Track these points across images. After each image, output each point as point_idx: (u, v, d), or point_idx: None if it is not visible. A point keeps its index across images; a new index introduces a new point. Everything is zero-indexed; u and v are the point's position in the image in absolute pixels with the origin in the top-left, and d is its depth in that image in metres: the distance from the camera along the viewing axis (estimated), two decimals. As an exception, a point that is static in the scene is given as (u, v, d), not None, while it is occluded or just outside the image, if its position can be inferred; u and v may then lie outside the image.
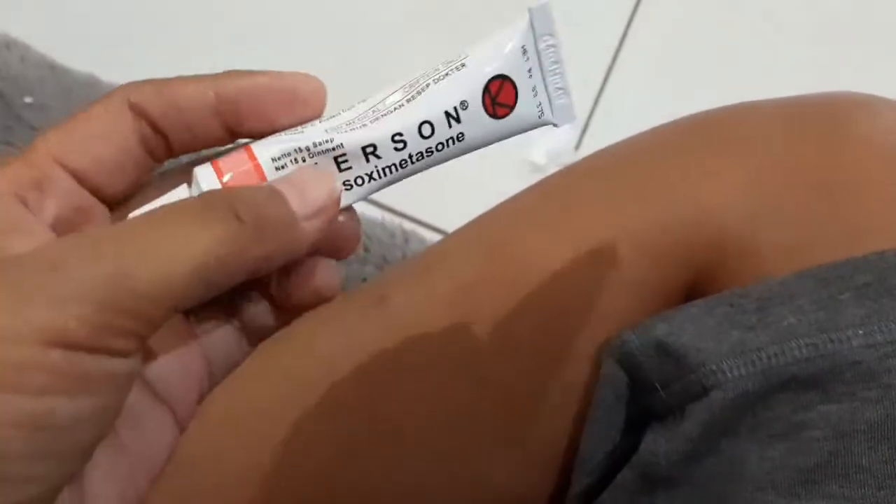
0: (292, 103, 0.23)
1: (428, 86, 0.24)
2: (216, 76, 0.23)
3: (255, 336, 0.26)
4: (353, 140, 0.24)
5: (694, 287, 0.34)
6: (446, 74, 0.24)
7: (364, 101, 0.25)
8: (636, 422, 0.34)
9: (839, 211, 0.32)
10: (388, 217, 0.68)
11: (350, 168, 0.24)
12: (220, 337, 0.25)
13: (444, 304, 0.36)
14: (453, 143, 0.24)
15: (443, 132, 0.24)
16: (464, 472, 0.35)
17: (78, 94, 0.72)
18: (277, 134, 0.24)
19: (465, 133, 0.24)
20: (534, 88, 0.25)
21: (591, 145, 0.78)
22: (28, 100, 0.71)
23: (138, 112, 0.23)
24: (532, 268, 0.36)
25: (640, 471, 0.33)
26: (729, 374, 0.29)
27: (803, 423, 0.28)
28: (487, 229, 0.38)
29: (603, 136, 0.39)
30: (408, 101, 0.24)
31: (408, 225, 0.68)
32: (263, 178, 0.23)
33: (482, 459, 0.35)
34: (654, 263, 0.34)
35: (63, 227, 0.23)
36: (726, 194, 0.34)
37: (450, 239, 0.41)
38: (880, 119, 0.34)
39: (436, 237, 0.70)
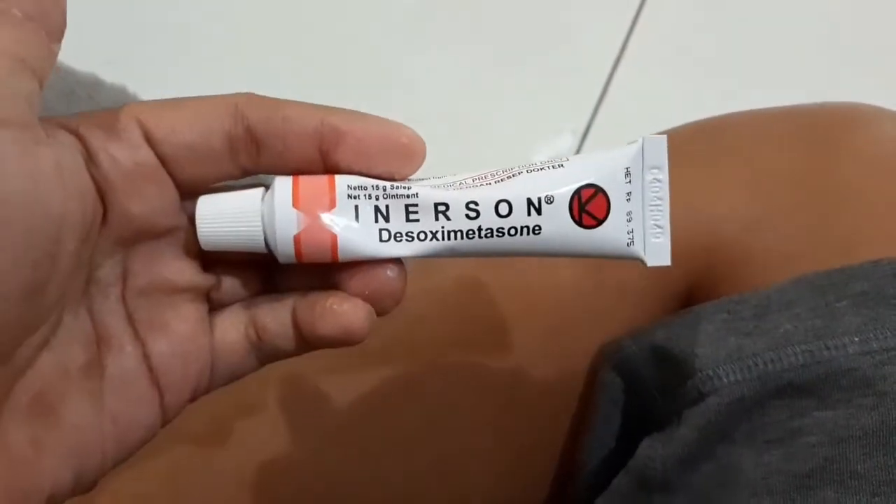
0: (391, 151, 0.23)
1: (520, 174, 0.24)
2: (328, 107, 0.23)
3: (268, 357, 0.25)
4: (428, 194, 0.23)
5: (692, 293, 0.34)
6: (541, 169, 0.24)
7: (455, 177, 0.25)
8: (633, 428, 0.34)
9: (835, 220, 0.32)
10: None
11: (417, 220, 0.24)
12: (233, 344, 0.25)
13: (444, 308, 0.36)
14: (528, 233, 0.23)
15: (519, 217, 0.23)
16: (458, 475, 0.36)
17: (80, 94, 0.72)
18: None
19: (543, 228, 0.23)
20: (629, 214, 0.24)
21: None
22: (31, 100, 0.71)
23: (239, 112, 0.23)
24: (532, 272, 0.36)
25: (636, 476, 0.33)
26: (725, 380, 0.29)
27: (799, 429, 0.28)
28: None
29: (604, 143, 0.39)
30: (496, 181, 0.24)
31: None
32: (334, 203, 0.23)
33: (478, 463, 0.36)
34: (654, 271, 0.35)
35: (120, 174, 0.22)
36: (725, 202, 0.34)
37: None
38: (878, 129, 0.34)
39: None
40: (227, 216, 0.24)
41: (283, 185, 0.23)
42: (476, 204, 0.23)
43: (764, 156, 0.35)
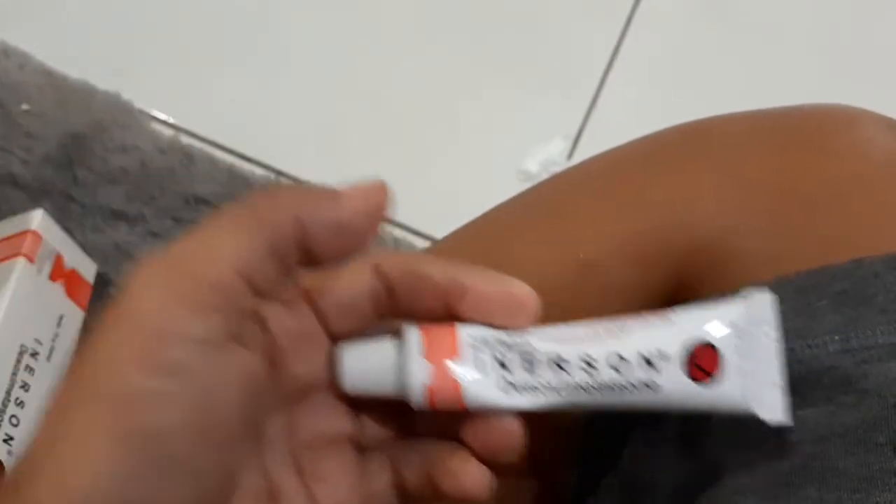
0: (508, 306, 0.25)
1: (632, 327, 0.25)
2: (454, 263, 0.26)
3: (412, 501, 0.27)
4: (545, 348, 0.25)
5: (676, 294, 0.34)
6: (652, 323, 0.25)
7: (567, 326, 0.26)
8: (619, 427, 0.34)
9: (817, 221, 0.32)
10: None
11: (536, 373, 0.25)
12: (382, 493, 0.26)
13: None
14: (643, 388, 0.24)
15: (635, 373, 0.24)
16: None
17: (74, 101, 0.72)
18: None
19: (658, 383, 0.24)
20: (740, 369, 0.25)
21: (584, 155, 0.78)
22: (25, 107, 0.71)
23: (381, 272, 0.25)
24: (521, 274, 0.36)
25: (622, 475, 0.33)
26: None
27: (782, 427, 0.28)
28: (477, 237, 0.39)
29: (595, 147, 0.40)
30: (608, 334, 0.25)
31: (398, 233, 0.68)
32: (458, 353, 0.25)
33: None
34: (637, 271, 0.35)
35: (288, 340, 0.25)
36: (708, 204, 0.34)
37: (439, 246, 0.41)
38: (860, 131, 0.34)
39: (426, 245, 0.70)
40: (366, 366, 0.26)
41: (412, 336, 0.25)
42: (592, 359, 0.24)
43: (746, 157, 0.35)
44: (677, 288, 0.34)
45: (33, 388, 0.44)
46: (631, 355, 0.24)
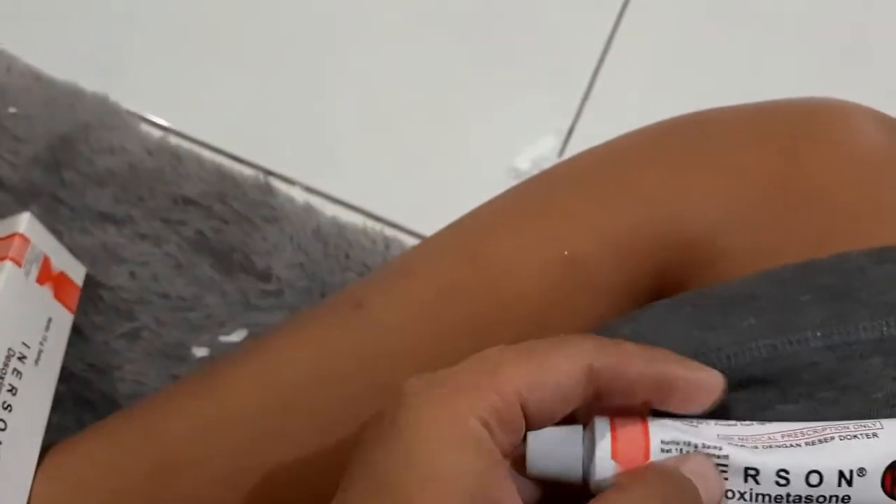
0: (694, 396, 0.26)
1: (832, 439, 0.25)
2: (653, 354, 0.26)
3: None
4: (740, 456, 0.24)
5: (662, 290, 0.34)
6: (854, 436, 0.25)
7: (762, 424, 0.26)
8: None
9: (807, 217, 0.32)
10: (369, 223, 0.68)
11: (726, 479, 0.25)
12: None
13: (421, 309, 0.36)
14: (836, 502, 0.24)
15: (829, 488, 0.24)
16: None
17: (61, 103, 0.72)
18: (670, 419, 0.26)
19: (853, 499, 0.24)
20: None
21: (575, 152, 0.79)
22: (12, 110, 0.71)
23: (593, 377, 0.25)
24: (509, 271, 0.36)
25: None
26: None
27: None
28: (465, 234, 0.39)
29: (587, 144, 0.40)
30: (806, 443, 0.25)
31: (389, 231, 0.68)
32: (648, 455, 0.25)
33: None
34: (625, 267, 0.35)
35: (505, 452, 0.25)
36: (696, 200, 0.34)
37: (427, 244, 0.41)
38: (850, 124, 0.34)
39: (416, 243, 0.70)
40: (552, 454, 0.25)
41: (602, 432, 0.25)
42: (786, 472, 0.24)
43: (736, 152, 0.35)
44: (663, 285, 0.34)
45: (21, 391, 0.44)
46: (828, 471, 0.24)
